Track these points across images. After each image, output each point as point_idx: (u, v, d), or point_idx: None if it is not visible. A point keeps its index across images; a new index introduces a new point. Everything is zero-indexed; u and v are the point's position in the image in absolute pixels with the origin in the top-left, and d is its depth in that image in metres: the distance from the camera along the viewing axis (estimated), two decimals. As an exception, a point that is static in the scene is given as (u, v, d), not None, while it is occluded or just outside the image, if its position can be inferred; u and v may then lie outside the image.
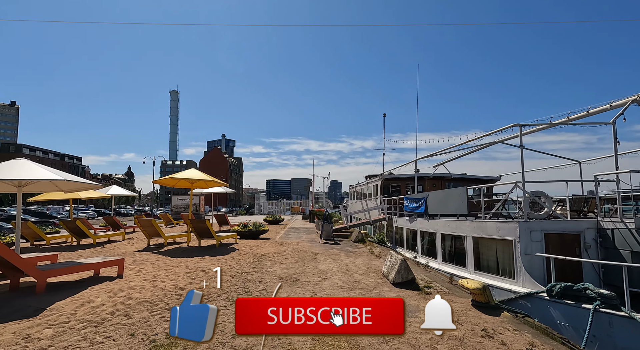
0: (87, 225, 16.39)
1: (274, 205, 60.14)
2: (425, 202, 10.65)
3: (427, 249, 10.80)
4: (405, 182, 17.60)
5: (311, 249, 10.29)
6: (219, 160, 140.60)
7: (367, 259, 8.55)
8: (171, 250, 9.59)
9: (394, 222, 14.23)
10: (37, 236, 11.15)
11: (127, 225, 18.07)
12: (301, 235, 14.99)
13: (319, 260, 8.40)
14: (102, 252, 9.25)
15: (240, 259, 8.38)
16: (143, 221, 10.36)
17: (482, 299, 4.36)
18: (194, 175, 10.21)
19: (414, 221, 11.66)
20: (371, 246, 11.30)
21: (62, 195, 11.11)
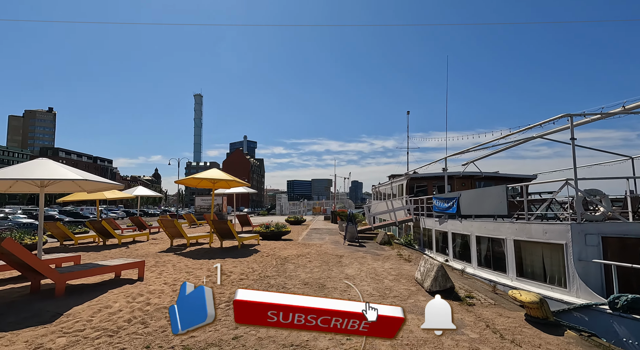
0: (114, 225, 16.73)
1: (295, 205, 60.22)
2: (457, 202, 9.94)
3: (459, 252, 10.08)
4: (432, 182, 16.79)
5: (335, 251, 9.86)
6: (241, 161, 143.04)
7: (396, 263, 8.01)
8: (193, 252, 9.44)
9: (421, 223, 13.53)
10: (66, 236, 11.36)
11: (152, 225, 18.36)
12: (324, 236, 14.59)
13: (344, 263, 7.94)
14: (125, 253, 9.23)
15: (262, 261, 8.07)
16: (166, 222, 10.30)
17: (539, 314, 3.75)
18: (216, 175, 10.03)
19: (444, 222, 10.95)
20: (399, 249, 10.71)
21: (89, 195, 11.28)
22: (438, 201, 11.39)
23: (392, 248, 10.83)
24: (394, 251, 10.11)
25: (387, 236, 11.74)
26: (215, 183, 10.75)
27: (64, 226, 11.05)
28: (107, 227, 11.00)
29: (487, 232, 8.34)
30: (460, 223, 9.82)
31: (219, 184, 11.04)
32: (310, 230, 17.99)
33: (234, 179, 10.20)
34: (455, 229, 10.08)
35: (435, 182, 16.87)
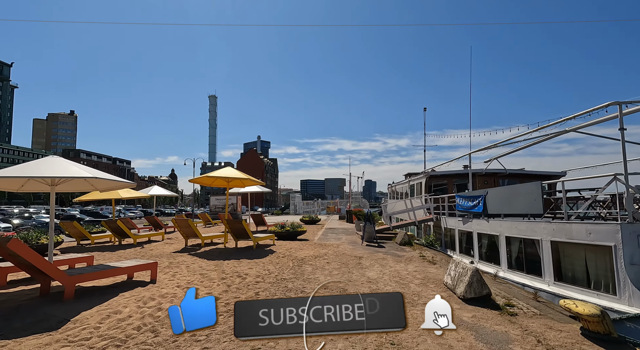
0: (130, 224, 16.80)
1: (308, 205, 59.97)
2: (483, 200, 9.34)
3: (485, 253, 9.48)
4: (453, 179, 16.11)
5: (354, 252, 9.43)
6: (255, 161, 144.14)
7: (420, 266, 7.52)
8: (208, 252, 9.21)
9: (442, 222, 12.92)
10: (83, 236, 11.36)
11: (168, 225, 18.38)
12: (340, 236, 14.17)
13: (364, 265, 7.51)
14: (140, 253, 9.08)
15: (278, 262, 7.74)
16: (180, 221, 10.12)
17: (600, 328, 3.24)
18: (230, 174, 9.78)
19: (469, 222, 10.36)
20: (420, 250, 10.19)
21: (104, 195, 11.24)
22: (461, 200, 10.79)
23: (413, 249, 10.32)
24: (415, 252, 9.60)
25: (407, 236, 11.22)
26: (230, 182, 10.51)
27: (80, 226, 11.04)
28: (123, 226, 10.92)
29: (519, 233, 7.73)
30: (487, 223, 9.22)
31: (233, 182, 10.79)
32: (325, 229, 17.61)
33: (248, 177, 9.92)
34: (482, 229, 9.48)
35: (456, 180, 16.18)
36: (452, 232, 11.97)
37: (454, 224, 11.75)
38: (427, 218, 13.84)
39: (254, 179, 10.24)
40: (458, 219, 11.19)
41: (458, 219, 11.20)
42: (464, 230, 10.75)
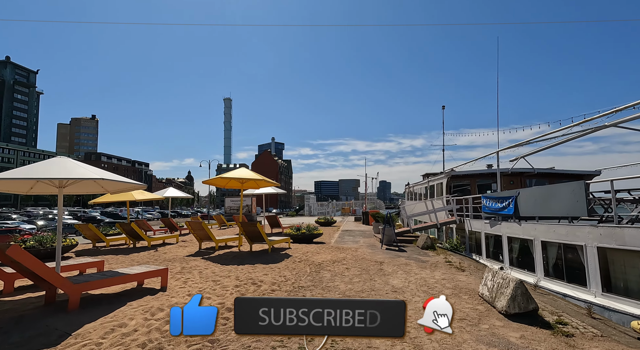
0: (146, 226, 16.79)
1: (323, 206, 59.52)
2: (514, 201, 8.65)
3: (517, 259, 8.78)
4: (476, 180, 15.34)
5: (374, 257, 8.92)
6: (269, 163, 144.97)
7: (447, 273, 6.94)
8: (222, 256, 8.89)
9: (466, 225, 12.23)
10: (99, 238, 11.28)
11: (183, 226, 18.32)
12: (358, 239, 13.66)
13: (387, 272, 7.00)
14: (153, 257, 8.85)
15: (295, 268, 7.32)
16: (194, 224, 9.87)
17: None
18: (244, 175, 9.45)
19: (497, 225, 9.67)
20: (445, 254, 9.57)
21: (117, 197, 11.14)
22: (489, 201, 10.11)
23: (437, 253, 9.70)
24: (440, 257, 8.99)
25: (430, 240, 10.60)
26: (244, 183, 10.19)
27: (95, 228, 10.97)
28: (137, 229, 10.77)
29: (558, 237, 7.04)
30: (518, 226, 8.53)
31: (247, 183, 10.47)
32: (341, 232, 17.12)
33: (262, 178, 9.57)
34: (513, 232, 8.79)
35: (479, 180, 15.40)
36: (478, 236, 11.28)
37: (479, 226, 11.06)
38: (450, 220, 13.16)
39: (268, 180, 9.88)
40: (485, 222, 10.50)
41: (485, 221, 10.52)
42: (492, 233, 10.06)
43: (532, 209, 8.07)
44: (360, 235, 15.09)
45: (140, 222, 17.27)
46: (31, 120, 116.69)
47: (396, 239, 11.18)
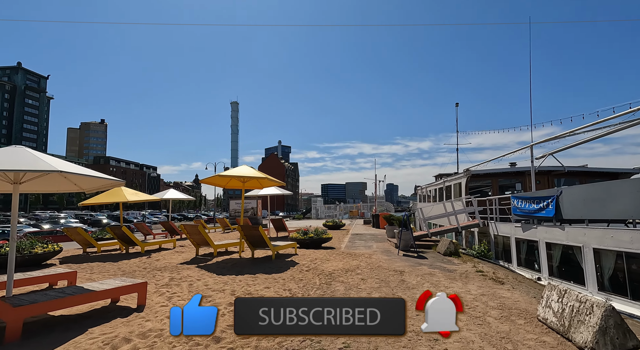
0: (145, 230, 15.95)
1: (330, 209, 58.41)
2: (555, 201, 7.49)
3: (558, 268, 7.60)
4: (498, 179, 14.13)
5: (391, 265, 7.83)
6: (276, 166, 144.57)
7: (483, 286, 5.82)
8: (219, 264, 7.89)
9: (491, 229, 11.05)
10: (89, 243, 10.40)
11: (185, 230, 17.47)
12: (370, 243, 12.56)
13: (410, 284, 5.91)
14: (144, 264, 7.89)
15: (302, 278, 6.28)
16: (190, 228, 8.90)
17: None
18: (245, 173, 8.47)
19: (532, 228, 8.50)
20: (472, 262, 8.43)
21: (109, 198, 10.27)
22: (521, 201, 8.94)
23: (463, 261, 8.56)
24: (467, 265, 7.86)
25: (453, 245, 9.45)
26: (245, 182, 9.22)
27: (85, 232, 10.10)
28: (129, 233, 9.86)
29: (617, 245, 5.88)
30: (561, 230, 7.36)
31: (249, 183, 9.50)
32: (352, 235, 16.03)
33: (265, 176, 8.58)
34: (553, 237, 7.62)
35: (501, 180, 14.19)
36: (506, 241, 10.10)
37: (508, 230, 9.89)
38: (471, 223, 11.98)
39: (272, 179, 8.89)
40: (515, 225, 9.32)
41: (515, 224, 9.34)
42: (524, 238, 8.88)
43: (580, 211, 6.89)
44: (372, 240, 13.99)
45: (140, 225, 16.47)
46: (42, 125, 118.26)
47: (415, 244, 10.07)
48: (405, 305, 2.42)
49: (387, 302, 2.43)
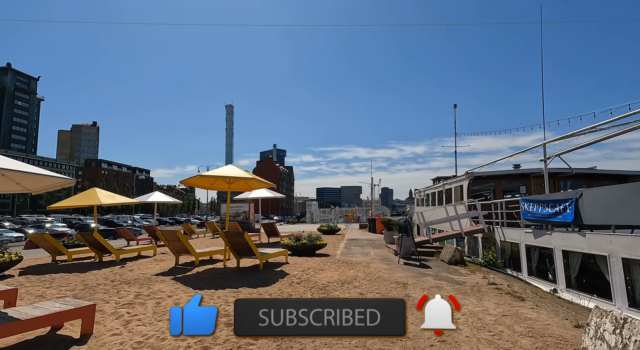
0: (128, 235, 14.96)
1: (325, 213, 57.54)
2: (574, 204, 6.75)
3: (577, 279, 6.85)
4: (501, 182, 13.44)
5: (392, 275, 7.03)
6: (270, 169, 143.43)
7: (502, 303, 5.02)
8: (200, 275, 7.01)
9: (497, 234, 10.31)
10: (59, 251, 9.42)
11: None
12: (367, 250, 11.75)
13: (416, 300, 5.09)
14: (112, 276, 6.97)
15: (292, 293, 5.45)
16: (168, 234, 8.00)
17: None
18: (231, 173, 7.62)
19: (545, 235, 7.76)
20: (481, 272, 7.64)
21: (82, 201, 9.33)
22: (532, 205, 8.21)
23: (471, 271, 7.77)
24: (477, 276, 7.07)
25: (459, 252, 8.67)
26: (231, 183, 8.37)
27: (52, 239, 9.12)
28: (101, 240, 8.92)
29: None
30: (581, 237, 6.61)
31: (236, 184, 8.66)
32: (347, 241, 15.19)
33: (253, 177, 7.74)
34: (572, 245, 6.87)
35: (505, 183, 13.51)
36: (514, 248, 9.35)
37: (516, 236, 9.15)
38: (475, 228, 11.23)
39: (260, 180, 8.05)
40: (526, 231, 8.58)
41: (525, 230, 8.60)
42: (537, 245, 8.14)
43: (604, 215, 6.15)
44: (369, 246, 13.17)
45: (122, 230, 15.47)
46: (31, 126, 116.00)
47: (417, 251, 9.28)
48: (405, 306, 2.43)
49: (387, 303, 2.43)
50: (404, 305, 2.41)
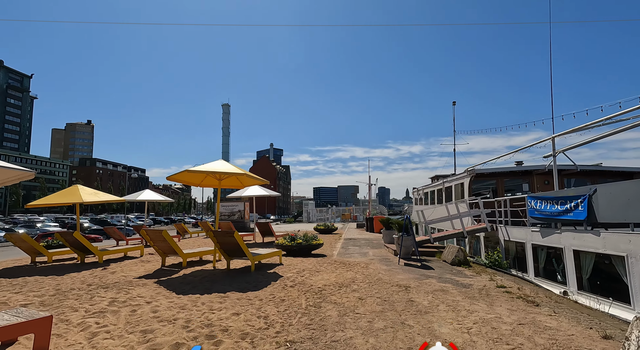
0: (117, 235, 14.39)
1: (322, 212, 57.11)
2: (587, 201, 6.32)
3: (590, 281, 6.43)
4: (504, 179, 13.03)
5: (393, 277, 6.57)
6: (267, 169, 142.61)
7: (515, 308, 4.56)
8: (186, 278, 6.50)
9: (500, 233, 9.88)
10: (39, 251, 8.87)
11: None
12: (365, 250, 11.30)
13: (421, 306, 4.63)
14: (90, 279, 6.44)
15: (284, 298, 4.96)
16: (153, 234, 7.47)
17: None
18: (220, 168, 7.10)
19: (554, 234, 7.34)
20: (487, 273, 7.20)
21: (62, 198, 8.77)
22: (540, 202, 7.78)
23: (476, 272, 7.32)
24: (483, 278, 6.62)
25: (462, 253, 8.22)
26: (222, 179, 7.87)
27: (30, 239, 8.55)
28: (82, 240, 8.37)
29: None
30: (595, 236, 6.19)
31: (227, 180, 8.15)
32: (344, 241, 14.74)
33: (244, 172, 7.24)
34: (584, 244, 6.44)
35: (507, 180, 13.10)
36: (519, 247, 8.93)
37: (522, 235, 8.72)
38: (478, 227, 10.80)
39: (252, 175, 7.55)
40: (532, 229, 8.16)
41: (532, 229, 8.18)
42: (545, 245, 7.71)
43: (622, 213, 5.72)
44: (367, 245, 12.72)
45: (111, 230, 14.89)
46: (24, 125, 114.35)
47: (418, 251, 8.83)
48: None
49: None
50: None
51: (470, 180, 12.90)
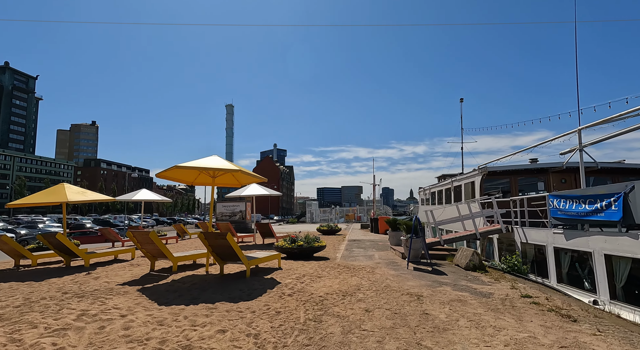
0: (112, 237, 13.88)
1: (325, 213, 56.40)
2: (622, 200, 5.62)
3: (625, 289, 5.72)
4: (518, 177, 12.29)
5: (402, 284, 5.91)
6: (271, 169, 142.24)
7: (548, 325, 3.89)
8: (173, 284, 5.89)
9: (517, 235, 9.18)
10: (22, 254, 8.33)
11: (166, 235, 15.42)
12: (370, 252, 10.64)
13: (437, 319, 3.99)
14: (72, 285, 5.87)
15: (280, 310, 4.33)
16: (140, 236, 6.87)
17: None
18: (213, 164, 6.49)
19: (581, 236, 6.63)
20: (506, 280, 6.51)
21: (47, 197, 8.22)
22: (564, 201, 7.07)
23: (494, 278, 6.63)
24: (503, 286, 5.94)
25: (477, 257, 7.53)
26: (216, 176, 7.27)
27: (12, 241, 8.01)
28: (66, 242, 7.81)
29: None
30: (632, 239, 5.49)
31: (221, 178, 7.55)
32: (348, 242, 14.09)
33: (239, 168, 6.62)
34: (618, 248, 5.74)
35: (521, 178, 12.36)
36: (538, 250, 8.23)
37: (542, 237, 8.02)
38: (492, 228, 10.09)
39: (249, 172, 6.93)
40: (554, 231, 7.45)
41: (554, 230, 7.47)
42: (568, 248, 7.01)
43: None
44: (372, 247, 12.06)
45: (105, 231, 14.38)
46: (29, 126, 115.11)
47: (428, 255, 8.16)
48: None
49: None
50: None
51: (482, 179, 12.18)
